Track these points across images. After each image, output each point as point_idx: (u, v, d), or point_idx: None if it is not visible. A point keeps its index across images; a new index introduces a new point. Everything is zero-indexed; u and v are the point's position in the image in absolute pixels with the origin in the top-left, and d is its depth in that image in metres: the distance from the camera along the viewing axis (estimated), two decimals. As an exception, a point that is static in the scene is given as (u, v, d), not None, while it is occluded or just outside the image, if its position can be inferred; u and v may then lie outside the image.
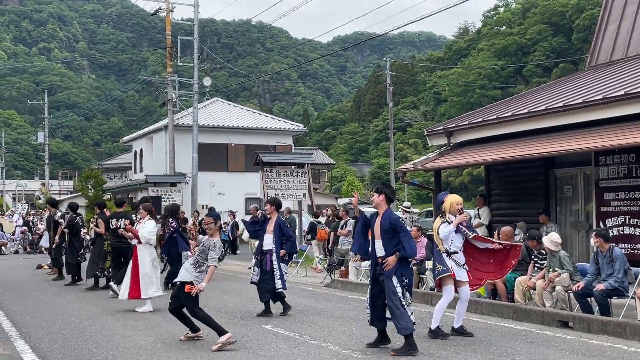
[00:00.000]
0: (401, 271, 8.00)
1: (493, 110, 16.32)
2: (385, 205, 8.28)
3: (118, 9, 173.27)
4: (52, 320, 10.88)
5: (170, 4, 33.41)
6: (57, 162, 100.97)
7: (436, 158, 15.97)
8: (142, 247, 11.91)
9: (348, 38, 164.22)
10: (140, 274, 11.71)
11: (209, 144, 35.50)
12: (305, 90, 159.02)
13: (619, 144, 11.25)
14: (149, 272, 11.77)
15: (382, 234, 8.11)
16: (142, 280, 11.68)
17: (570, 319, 9.82)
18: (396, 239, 8.04)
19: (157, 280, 12.02)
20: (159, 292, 11.90)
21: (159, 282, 12.11)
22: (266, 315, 11.02)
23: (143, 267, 11.75)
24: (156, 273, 12.00)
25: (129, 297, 11.74)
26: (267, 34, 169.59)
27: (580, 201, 14.05)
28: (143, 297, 11.71)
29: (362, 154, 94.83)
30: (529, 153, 12.94)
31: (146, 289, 11.67)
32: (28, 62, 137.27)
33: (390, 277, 7.95)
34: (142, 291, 11.66)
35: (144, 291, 11.67)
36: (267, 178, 22.52)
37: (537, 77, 74.24)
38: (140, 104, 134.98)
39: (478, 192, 31.17)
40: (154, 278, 11.81)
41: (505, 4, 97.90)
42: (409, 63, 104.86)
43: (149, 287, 11.70)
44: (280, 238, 11.27)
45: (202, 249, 8.69)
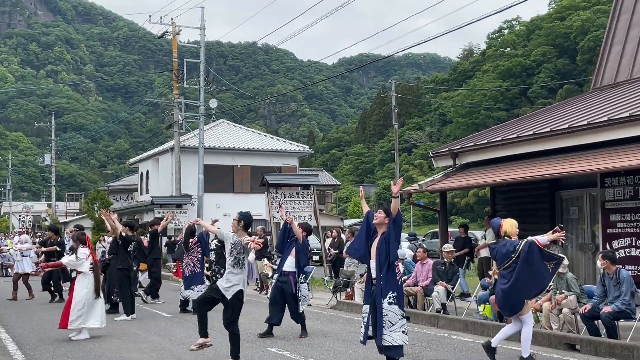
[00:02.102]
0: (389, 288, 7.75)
1: (498, 131, 16.34)
2: (386, 228, 8.09)
3: (125, 31, 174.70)
4: (57, 342, 10.86)
5: (176, 27, 33.66)
6: (63, 183, 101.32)
7: (442, 179, 15.97)
8: (81, 276, 11.39)
9: (353, 60, 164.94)
10: (72, 305, 11.21)
11: (215, 165, 35.58)
12: (310, 112, 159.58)
13: (624, 165, 11.25)
14: (81, 303, 11.19)
15: (377, 255, 7.96)
16: (73, 311, 11.16)
17: (577, 342, 9.76)
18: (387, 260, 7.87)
19: (94, 312, 11.32)
20: (88, 324, 11.26)
21: (97, 314, 11.37)
22: (267, 336, 11.01)
23: (77, 297, 11.22)
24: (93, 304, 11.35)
25: (59, 327, 11.26)
26: (272, 56, 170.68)
27: (587, 223, 14.02)
28: (69, 328, 11.15)
29: (368, 175, 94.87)
30: (535, 175, 12.93)
31: (75, 320, 11.13)
32: (35, 85, 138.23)
33: (380, 299, 7.75)
34: (70, 321, 11.13)
35: (72, 322, 11.14)
36: (272, 199, 22.52)
37: (542, 99, 74.35)
38: (147, 125, 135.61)
39: (484, 213, 31.14)
40: (85, 309, 11.21)
41: (509, 25, 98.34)
42: (414, 84, 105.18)
43: (78, 318, 11.14)
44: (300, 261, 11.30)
45: (236, 246, 8.79)
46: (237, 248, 8.82)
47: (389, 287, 7.69)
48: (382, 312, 7.65)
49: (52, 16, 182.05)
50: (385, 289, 7.67)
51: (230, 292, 8.63)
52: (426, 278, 13.86)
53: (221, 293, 8.66)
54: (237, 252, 8.82)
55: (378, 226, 8.09)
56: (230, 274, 8.75)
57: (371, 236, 8.17)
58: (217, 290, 8.74)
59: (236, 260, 8.80)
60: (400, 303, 7.74)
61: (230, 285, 8.67)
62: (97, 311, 11.42)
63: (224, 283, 8.75)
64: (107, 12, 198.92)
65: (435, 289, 13.21)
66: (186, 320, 13.46)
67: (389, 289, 7.68)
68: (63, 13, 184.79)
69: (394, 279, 7.80)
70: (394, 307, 7.64)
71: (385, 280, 7.68)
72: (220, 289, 8.70)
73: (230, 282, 8.69)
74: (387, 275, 7.74)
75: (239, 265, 8.77)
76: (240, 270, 8.78)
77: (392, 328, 7.60)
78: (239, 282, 8.70)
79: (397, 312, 7.67)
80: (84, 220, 48.61)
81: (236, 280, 8.70)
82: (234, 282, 8.68)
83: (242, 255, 8.83)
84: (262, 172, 27.41)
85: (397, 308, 7.68)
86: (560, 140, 13.13)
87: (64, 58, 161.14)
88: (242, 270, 8.81)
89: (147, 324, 12.96)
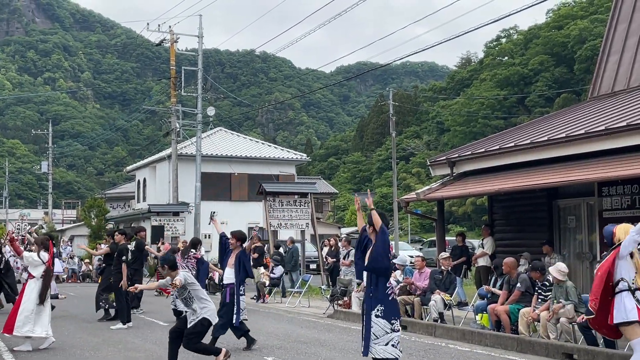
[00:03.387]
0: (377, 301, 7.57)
1: (496, 140, 16.35)
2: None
3: (123, 39, 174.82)
4: (53, 352, 10.80)
5: (174, 35, 33.70)
6: (60, 191, 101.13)
7: (439, 188, 15.96)
8: (32, 282, 11.14)
9: (351, 68, 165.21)
10: (20, 309, 10.94)
11: (212, 173, 35.56)
12: (308, 120, 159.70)
13: (622, 174, 11.25)
14: (29, 309, 10.92)
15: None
16: (20, 316, 10.89)
17: (575, 351, 9.73)
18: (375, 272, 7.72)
19: (41, 319, 11.06)
20: (36, 333, 10.93)
21: (44, 323, 11.08)
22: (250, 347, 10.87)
23: (26, 303, 10.96)
24: (42, 312, 11.08)
25: (2, 331, 11.03)
26: (270, 64, 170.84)
27: (584, 232, 14.00)
28: (15, 334, 10.87)
29: (365, 184, 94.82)
30: (532, 183, 12.93)
31: (22, 326, 10.85)
32: (33, 92, 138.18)
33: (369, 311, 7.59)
34: (16, 327, 10.82)
35: (18, 328, 10.83)
36: (269, 207, 22.49)
37: (539, 107, 74.51)
38: (144, 133, 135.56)
39: (482, 222, 31.10)
40: (33, 316, 10.90)
41: (507, 34, 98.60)
42: (412, 93, 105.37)
43: (26, 324, 10.83)
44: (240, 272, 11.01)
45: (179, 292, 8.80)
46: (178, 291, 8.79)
47: (377, 300, 7.56)
48: (369, 323, 7.54)
49: (50, 23, 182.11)
50: (374, 302, 7.56)
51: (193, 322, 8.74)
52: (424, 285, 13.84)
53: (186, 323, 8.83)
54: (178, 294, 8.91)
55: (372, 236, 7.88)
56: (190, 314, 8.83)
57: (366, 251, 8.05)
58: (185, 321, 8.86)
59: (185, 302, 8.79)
60: (388, 317, 7.53)
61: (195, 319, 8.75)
62: (44, 319, 11.10)
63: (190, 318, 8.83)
64: (105, 20, 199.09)
65: (433, 298, 13.17)
66: (182, 329, 13.39)
67: (377, 302, 7.55)
68: (61, 20, 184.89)
69: (383, 292, 7.63)
70: (380, 320, 7.49)
71: (375, 293, 7.58)
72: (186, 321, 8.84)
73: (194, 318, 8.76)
74: (376, 288, 7.62)
75: (191, 302, 8.72)
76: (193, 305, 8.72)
77: (377, 341, 7.46)
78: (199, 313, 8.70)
79: (382, 325, 7.50)
80: (81, 228, 48.53)
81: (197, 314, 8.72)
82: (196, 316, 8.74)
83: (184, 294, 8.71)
84: (260, 180, 27.41)
85: (384, 322, 7.51)
86: (558, 149, 13.14)
87: (61, 65, 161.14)
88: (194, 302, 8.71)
89: (144, 333, 12.91)
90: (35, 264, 11.18)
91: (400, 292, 14.06)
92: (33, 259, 11.24)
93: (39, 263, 11.18)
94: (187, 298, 8.69)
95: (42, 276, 11.16)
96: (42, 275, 11.16)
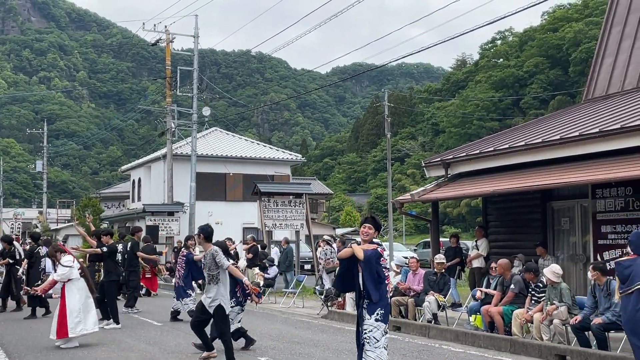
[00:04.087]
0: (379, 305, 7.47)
1: (490, 142, 16.37)
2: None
3: (119, 39, 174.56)
4: (46, 351, 10.79)
5: (170, 35, 33.66)
6: (55, 190, 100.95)
7: (434, 189, 15.98)
8: (70, 284, 11.39)
9: (347, 69, 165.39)
10: (68, 312, 11.20)
11: (207, 173, 35.51)
12: (303, 120, 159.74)
13: (615, 177, 11.28)
14: (77, 309, 11.24)
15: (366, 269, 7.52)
16: (70, 318, 11.16)
17: (567, 353, 9.76)
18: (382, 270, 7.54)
19: (91, 316, 11.45)
20: (88, 330, 11.34)
21: (93, 317, 11.53)
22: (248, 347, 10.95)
23: (70, 304, 11.24)
24: (87, 308, 11.46)
25: (57, 337, 11.21)
26: (266, 65, 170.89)
27: (578, 234, 14.04)
28: (71, 336, 11.20)
29: (360, 184, 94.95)
30: (526, 185, 12.96)
31: (75, 327, 11.16)
32: (28, 91, 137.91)
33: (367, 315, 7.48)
34: (70, 329, 11.14)
35: (72, 330, 11.15)
36: (264, 208, 22.50)
37: (534, 109, 74.66)
38: (139, 133, 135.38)
39: (476, 223, 31.11)
40: (82, 315, 11.28)
41: (502, 36, 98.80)
42: (407, 94, 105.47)
43: (78, 324, 11.20)
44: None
45: (207, 264, 9.24)
46: (211, 263, 9.24)
47: (378, 303, 7.47)
48: (367, 327, 7.45)
49: (46, 22, 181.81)
50: (374, 306, 7.47)
51: (212, 308, 9.24)
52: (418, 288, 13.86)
53: (207, 310, 9.33)
54: (207, 269, 9.31)
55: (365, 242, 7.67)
56: (208, 290, 9.33)
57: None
58: (203, 308, 9.40)
59: (210, 277, 9.29)
60: (386, 319, 7.58)
61: (210, 300, 9.25)
62: (92, 315, 11.53)
63: (206, 301, 9.36)
64: (100, 19, 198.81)
65: (427, 299, 13.19)
66: (176, 329, 13.39)
67: (378, 305, 7.47)
68: (57, 20, 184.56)
69: (384, 295, 7.61)
70: (380, 324, 7.46)
71: (375, 296, 7.46)
72: (205, 306, 9.34)
73: (209, 298, 9.28)
74: (377, 291, 7.50)
75: (214, 282, 9.23)
76: (216, 286, 9.22)
77: (376, 345, 7.48)
78: (217, 296, 9.18)
79: (383, 329, 7.50)
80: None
81: (214, 295, 9.21)
82: (213, 297, 9.23)
83: (214, 271, 9.21)
84: (255, 180, 27.38)
85: (384, 325, 7.51)
86: (552, 151, 13.17)
87: (57, 64, 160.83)
88: (219, 285, 9.22)
89: (137, 333, 12.89)
90: (68, 273, 11.43)
91: (394, 293, 14.08)
92: (64, 273, 11.45)
93: (70, 268, 11.44)
94: (214, 276, 9.19)
95: (80, 274, 11.52)
96: (80, 273, 11.54)
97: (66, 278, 11.38)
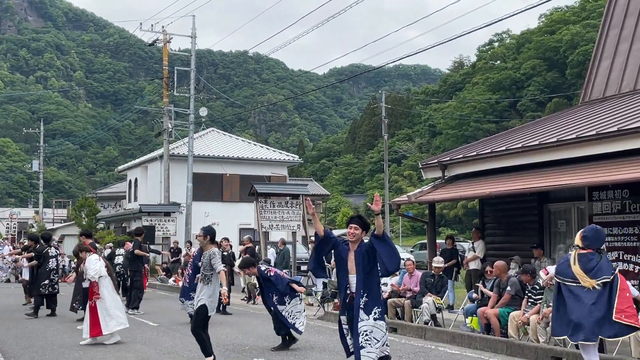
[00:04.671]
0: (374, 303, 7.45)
1: (487, 144, 16.38)
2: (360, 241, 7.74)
3: (116, 39, 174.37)
4: (42, 351, 10.76)
5: (167, 35, 33.64)
6: (51, 190, 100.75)
7: (430, 191, 15.99)
8: (98, 282, 11.61)
9: (344, 70, 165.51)
10: (99, 309, 11.45)
11: (204, 174, 35.48)
12: (300, 121, 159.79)
13: (612, 179, 11.30)
14: (108, 306, 11.50)
15: (359, 268, 7.53)
16: (101, 315, 11.42)
17: (564, 355, 9.76)
18: (375, 268, 7.52)
19: (120, 312, 11.73)
20: (121, 325, 11.61)
21: (122, 313, 11.81)
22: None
23: (101, 302, 11.49)
24: (116, 304, 11.73)
25: (91, 336, 11.43)
26: (263, 65, 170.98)
27: (574, 236, 14.01)
28: (104, 333, 11.42)
29: (357, 186, 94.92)
30: (523, 187, 12.97)
31: (107, 324, 11.41)
32: (25, 91, 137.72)
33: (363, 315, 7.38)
34: (103, 327, 11.39)
35: (105, 327, 11.40)
36: (261, 209, 22.47)
37: (531, 112, 74.76)
38: (136, 133, 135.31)
39: (473, 225, 31.12)
40: (112, 311, 11.53)
41: (499, 38, 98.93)
42: (404, 95, 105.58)
43: (110, 321, 11.44)
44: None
45: (204, 264, 9.29)
46: (207, 263, 9.31)
47: (374, 302, 7.43)
48: (366, 328, 7.35)
49: (43, 22, 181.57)
50: (370, 305, 7.41)
51: (196, 305, 9.31)
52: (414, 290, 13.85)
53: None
54: (203, 268, 9.37)
55: (355, 241, 7.69)
56: (199, 289, 9.39)
57: (327, 252, 8.10)
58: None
59: (203, 277, 9.36)
60: (383, 316, 7.56)
61: (197, 299, 9.33)
62: (122, 310, 11.89)
63: (194, 299, 9.57)
64: (97, 19, 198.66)
65: (425, 301, 13.18)
66: (173, 330, 13.38)
67: (374, 304, 7.43)
68: (54, 19, 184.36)
69: (378, 293, 7.60)
70: (380, 322, 7.41)
71: (370, 295, 7.41)
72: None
73: (197, 297, 9.37)
74: (372, 290, 7.47)
75: (206, 282, 9.29)
76: (206, 286, 9.28)
77: (377, 345, 7.36)
78: (203, 296, 9.23)
79: (382, 327, 7.44)
80: (71, 228, 48.36)
81: (201, 295, 9.27)
82: (199, 296, 9.30)
83: (208, 272, 9.28)
84: (252, 181, 27.37)
85: (382, 323, 7.47)
86: (549, 154, 13.18)
87: (53, 64, 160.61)
88: (209, 285, 9.28)
89: (133, 333, 12.86)
90: (99, 269, 11.64)
91: (391, 295, 14.08)
92: (95, 269, 11.65)
93: (99, 265, 11.68)
94: (208, 277, 9.24)
95: (107, 273, 11.78)
96: (107, 272, 11.78)
97: (97, 275, 11.61)
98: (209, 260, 9.23)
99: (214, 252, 9.25)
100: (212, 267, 9.18)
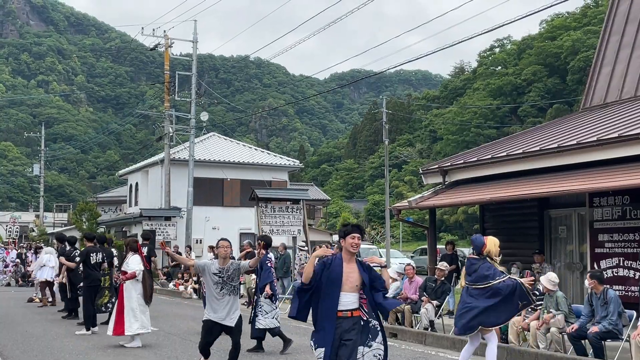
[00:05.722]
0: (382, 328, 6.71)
1: (488, 149, 16.39)
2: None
3: (117, 43, 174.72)
4: (42, 355, 10.76)
5: (169, 40, 33.68)
6: (52, 194, 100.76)
7: (431, 196, 15.99)
8: (129, 284, 11.73)
9: (345, 75, 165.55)
10: (125, 310, 11.56)
11: (205, 178, 35.45)
12: (301, 126, 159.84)
13: (613, 185, 11.30)
14: (134, 307, 11.61)
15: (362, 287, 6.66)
16: (127, 316, 11.52)
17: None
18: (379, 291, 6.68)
19: (145, 317, 11.82)
20: (144, 329, 11.71)
21: (147, 318, 11.90)
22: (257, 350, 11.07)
23: (129, 303, 11.60)
24: (143, 309, 11.79)
25: (114, 334, 11.59)
26: (264, 70, 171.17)
27: (575, 242, 14.05)
28: (127, 334, 11.54)
29: (358, 191, 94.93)
30: (524, 193, 12.96)
31: (130, 325, 11.51)
32: (26, 95, 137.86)
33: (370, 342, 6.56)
34: (126, 327, 11.50)
35: (128, 327, 11.50)
36: (262, 213, 22.47)
37: (532, 117, 74.78)
38: (137, 137, 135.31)
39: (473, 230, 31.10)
40: (139, 314, 11.64)
41: (500, 44, 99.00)
42: (405, 101, 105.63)
43: (134, 323, 11.53)
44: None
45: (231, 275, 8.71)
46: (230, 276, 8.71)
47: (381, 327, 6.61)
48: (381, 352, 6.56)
49: (45, 26, 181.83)
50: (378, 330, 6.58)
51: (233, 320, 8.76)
52: (414, 294, 13.83)
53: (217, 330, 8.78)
54: (230, 280, 8.70)
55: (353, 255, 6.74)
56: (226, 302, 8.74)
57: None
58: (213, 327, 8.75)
59: (231, 288, 8.73)
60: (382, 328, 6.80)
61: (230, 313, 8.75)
62: (147, 315, 11.90)
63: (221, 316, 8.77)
64: (99, 24, 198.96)
65: (424, 306, 13.17)
66: (172, 335, 13.36)
67: (382, 329, 6.61)
68: (55, 23, 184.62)
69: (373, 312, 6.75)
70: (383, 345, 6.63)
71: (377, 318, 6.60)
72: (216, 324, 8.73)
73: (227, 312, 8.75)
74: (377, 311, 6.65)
75: (234, 293, 8.76)
76: (234, 297, 8.77)
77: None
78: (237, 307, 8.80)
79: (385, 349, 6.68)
80: (72, 232, 48.30)
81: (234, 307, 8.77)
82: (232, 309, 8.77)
83: (235, 282, 8.75)
84: (252, 185, 27.36)
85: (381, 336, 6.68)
86: (550, 160, 13.18)
87: (55, 68, 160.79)
88: (236, 296, 8.82)
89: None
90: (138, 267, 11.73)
91: (391, 300, 14.05)
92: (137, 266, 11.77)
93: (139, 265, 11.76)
94: (234, 287, 8.74)
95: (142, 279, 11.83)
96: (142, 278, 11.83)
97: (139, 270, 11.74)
98: (236, 269, 8.88)
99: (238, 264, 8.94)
100: (238, 276, 8.82)
